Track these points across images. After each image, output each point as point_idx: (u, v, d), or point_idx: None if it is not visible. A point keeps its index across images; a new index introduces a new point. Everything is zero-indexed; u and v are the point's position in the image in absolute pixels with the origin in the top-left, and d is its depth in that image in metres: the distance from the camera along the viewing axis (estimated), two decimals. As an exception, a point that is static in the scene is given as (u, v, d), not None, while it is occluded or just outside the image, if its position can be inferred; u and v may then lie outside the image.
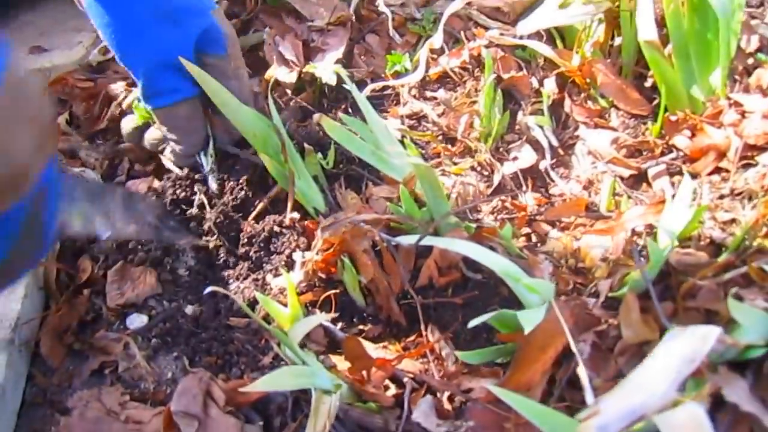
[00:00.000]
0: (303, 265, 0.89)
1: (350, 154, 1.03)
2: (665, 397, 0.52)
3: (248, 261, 0.96)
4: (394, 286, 0.88)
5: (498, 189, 1.04)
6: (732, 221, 0.91)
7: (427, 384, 0.80)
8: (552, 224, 0.99)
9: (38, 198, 0.51)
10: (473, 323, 0.71)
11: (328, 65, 1.14)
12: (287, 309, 0.84)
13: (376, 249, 0.89)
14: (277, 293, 0.91)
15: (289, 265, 0.93)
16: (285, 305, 0.84)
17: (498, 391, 0.66)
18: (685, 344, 0.56)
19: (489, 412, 0.73)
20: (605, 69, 1.12)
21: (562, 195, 1.03)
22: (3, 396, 0.80)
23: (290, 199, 0.94)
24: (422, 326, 0.86)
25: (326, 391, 0.72)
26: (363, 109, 0.93)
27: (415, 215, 0.90)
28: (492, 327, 0.84)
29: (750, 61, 1.08)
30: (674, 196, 0.88)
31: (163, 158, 1.05)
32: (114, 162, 1.14)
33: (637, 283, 0.81)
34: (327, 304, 0.89)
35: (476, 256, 0.78)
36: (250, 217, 0.98)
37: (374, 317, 0.90)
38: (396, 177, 0.97)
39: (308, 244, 0.93)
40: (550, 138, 1.09)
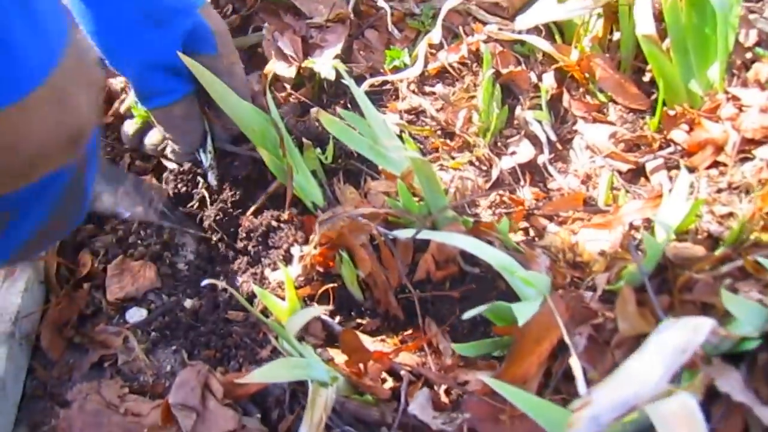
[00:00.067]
0: (301, 259, 0.90)
1: (349, 149, 1.03)
2: (657, 388, 0.53)
3: (247, 255, 0.97)
4: (392, 280, 0.88)
5: (496, 183, 1.04)
6: (729, 215, 0.91)
7: (424, 377, 0.80)
8: (550, 218, 0.99)
9: (82, 162, 0.53)
10: (468, 315, 0.71)
11: (327, 60, 1.14)
12: (285, 303, 0.84)
13: (374, 243, 0.89)
14: (276, 287, 0.92)
15: (287, 260, 0.93)
16: (283, 299, 0.85)
17: (493, 383, 0.66)
18: (678, 335, 0.56)
19: (485, 405, 0.73)
20: (604, 64, 1.12)
21: (560, 189, 1.04)
22: (3, 389, 0.81)
23: (288, 194, 0.94)
24: (420, 320, 0.86)
25: (323, 384, 0.73)
26: (361, 104, 0.93)
27: (413, 209, 0.90)
28: (489, 320, 0.84)
29: (748, 56, 1.08)
30: (671, 191, 0.89)
31: (163, 159, 1.06)
32: (115, 159, 1.15)
33: (634, 277, 0.81)
34: (325, 298, 0.90)
35: (473, 250, 0.78)
36: (249, 212, 0.98)
37: (372, 311, 0.90)
38: (394, 171, 0.97)
39: (306, 239, 0.93)
40: (549, 133, 1.09)
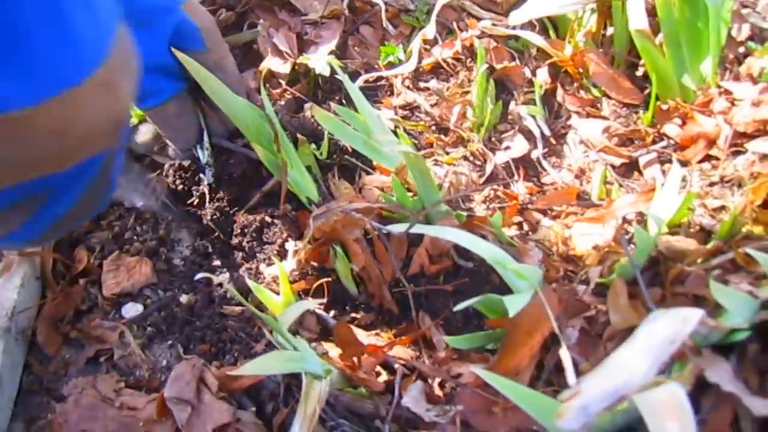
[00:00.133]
0: (295, 254, 0.90)
1: (344, 145, 1.04)
2: (646, 378, 0.53)
3: (242, 251, 0.97)
4: (386, 274, 0.89)
5: (490, 178, 1.04)
6: (722, 208, 0.92)
7: (418, 370, 0.81)
8: (543, 213, 1.00)
9: (116, 148, 0.53)
10: (459, 307, 0.71)
11: (322, 57, 1.15)
12: (280, 297, 0.84)
13: (368, 238, 0.89)
14: (270, 282, 0.92)
15: (282, 255, 0.93)
16: (278, 294, 0.85)
17: (486, 375, 0.67)
18: (667, 326, 0.56)
19: (478, 397, 0.74)
20: (597, 59, 1.12)
21: (554, 184, 1.04)
22: (0, 383, 0.81)
23: (283, 189, 0.94)
24: (414, 313, 0.87)
25: (317, 376, 0.73)
26: (355, 99, 0.93)
27: (407, 204, 0.91)
28: (482, 314, 0.84)
29: (741, 50, 1.09)
30: (664, 184, 0.89)
31: (155, 157, 1.06)
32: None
33: (626, 270, 0.82)
34: (320, 293, 0.90)
35: (466, 244, 0.79)
36: (244, 209, 0.99)
37: (366, 305, 0.91)
38: (388, 166, 0.98)
39: (300, 234, 0.94)
40: (543, 127, 1.10)
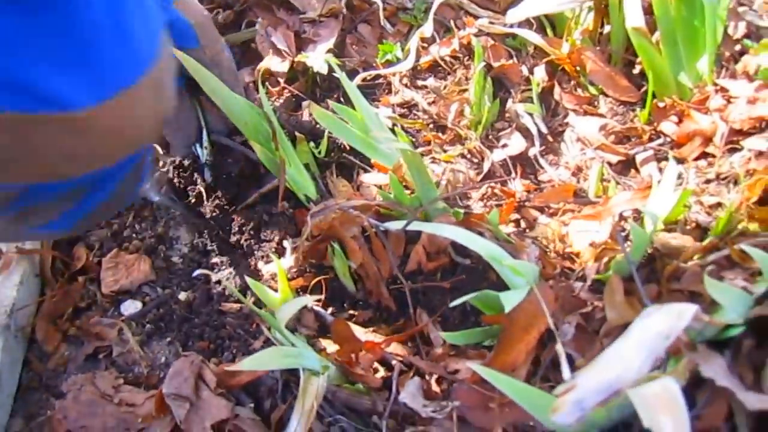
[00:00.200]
0: (293, 251, 0.90)
1: (342, 143, 1.04)
2: (640, 372, 0.54)
3: (240, 249, 0.97)
4: (384, 272, 0.89)
5: (487, 176, 1.04)
6: (718, 205, 0.92)
7: (415, 366, 0.81)
8: (541, 210, 1.00)
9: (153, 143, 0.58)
10: (455, 303, 0.72)
11: (320, 55, 1.15)
12: (277, 294, 0.85)
13: (366, 235, 0.90)
14: (269, 279, 0.92)
15: (280, 252, 0.94)
16: (276, 291, 0.86)
17: (482, 371, 0.67)
18: (661, 321, 0.57)
19: (475, 393, 0.74)
20: (594, 57, 1.12)
21: (551, 181, 1.04)
22: (-1, 380, 0.82)
23: (281, 187, 0.95)
24: (411, 310, 0.87)
25: (314, 372, 0.73)
26: (353, 97, 0.94)
27: (404, 201, 0.91)
28: (479, 310, 0.85)
29: (737, 48, 1.09)
30: (661, 182, 0.89)
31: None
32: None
33: (622, 266, 0.82)
34: (318, 290, 0.90)
35: (464, 241, 0.79)
36: (242, 206, 0.99)
37: (364, 302, 0.91)
38: (386, 164, 0.98)
39: (298, 232, 0.94)
40: (540, 125, 1.10)
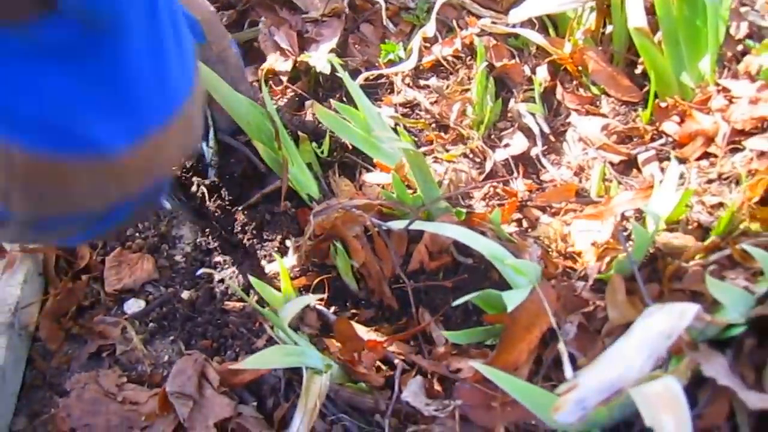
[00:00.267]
0: (296, 250, 0.91)
1: (345, 142, 1.04)
2: (641, 371, 0.54)
3: (243, 248, 0.98)
4: (386, 271, 0.89)
5: (490, 175, 1.05)
6: (719, 205, 0.92)
7: (418, 365, 0.82)
8: (543, 210, 1.00)
9: None
10: (458, 302, 0.72)
11: (323, 54, 1.15)
12: (280, 293, 0.85)
13: (368, 234, 0.90)
14: (271, 278, 0.93)
15: (283, 251, 0.94)
16: (279, 290, 0.86)
17: (485, 370, 0.67)
18: (663, 320, 0.57)
19: (477, 391, 0.74)
20: (596, 57, 1.13)
21: (553, 181, 1.04)
22: (3, 378, 0.82)
23: (283, 186, 0.95)
24: (413, 309, 0.87)
25: (317, 371, 0.74)
26: (355, 97, 0.94)
27: (407, 201, 0.91)
28: (481, 310, 0.85)
29: (739, 48, 1.09)
30: (662, 181, 0.90)
31: None
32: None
33: (624, 266, 0.82)
34: (320, 289, 0.91)
35: (466, 240, 0.79)
36: (244, 206, 0.99)
37: (367, 301, 0.91)
38: (389, 164, 0.98)
39: (301, 231, 0.95)
40: (542, 125, 1.10)
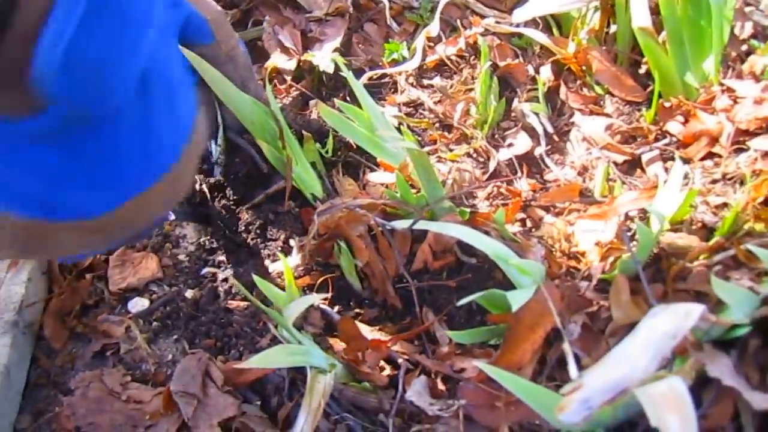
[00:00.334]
0: (300, 250, 0.91)
1: (349, 142, 1.04)
2: (646, 371, 0.54)
3: (246, 247, 0.98)
4: (390, 270, 0.89)
5: (493, 175, 1.05)
6: (724, 205, 0.92)
7: (421, 365, 0.82)
8: (546, 209, 1.00)
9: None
10: (462, 302, 0.72)
11: (326, 54, 1.15)
12: (284, 292, 0.85)
13: (372, 234, 0.90)
14: (275, 277, 0.93)
15: (286, 251, 0.94)
16: (282, 289, 0.86)
17: (489, 370, 0.67)
18: (668, 320, 0.57)
19: (481, 391, 0.74)
20: (600, 56, 1.12)
21: (557, 181, 1.04)
22: (7, 377, 0.82)
23: (287, 185, 0.95)
24: (417, 309, 0.87)
25: (321, 370, 0.74)
26: (359, 96, 0.94)
27: (410, 200, 0.91)
28: (485, 309, 0.85)
29: (743, 48, 1.09)
30: (666, 181, 0.90)
31: None
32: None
33: (628, 266, 0.82)
34: (324, 288, 0.91)
35: (470, 240, 0.79)
36: (248, 205, 0.99)
37: (370, 300, 0.92)
38: (392, 163, 0.98)
39: (305, 231, 0.95)
40: (546, 125, 1.10)
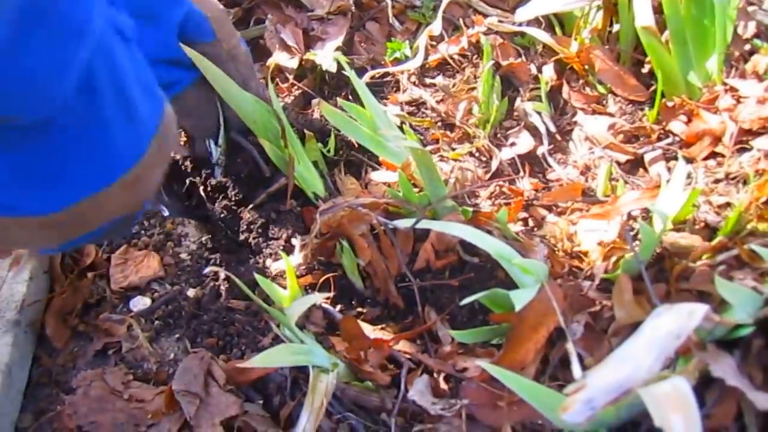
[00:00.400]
0: (302, 249, 0.91)
1: (351, 141, 1.04)
2: (650, 371, 0.54)
3: (248, 247, 0.98)
4: (392, 269, 0.89)
5: (496, 174, 1.05)
6: (727, 205, 0.92)
7: (424, 364, 0.81)
8: (549, 209, 1.00)
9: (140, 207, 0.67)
10: (465, 301, 0.72)
11: (328, 53, 1.15)
12: (286, 291, 0.85)
13: (374, 233, 0.90)
14: (277, 276, 0.93)
15: (288, 250, 0.94)
16: (285, 288, 0.86)
17: (491, 369, 0.67)
18: (672, 320, 0.57)
19: (483, 391, 0.74)
20: (603, 55, 1.12)
21: (559, 180, 1.04)
22: (9, 375, 0.82)
23: (290, 184, 0.95)
24: (419, 308, 0.87)
25: (323, 370, 0.74)
26: (361, 95, 0.94)
27: (413, 199, 0.91)
28: (488, 309, 0.85)
29: (746, 47, 1.09)
30: (669, 181, 0.89)
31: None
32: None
33: (631, 266, 0.82)
34: (326, 287, 0.91)
35: (472, 239, 0.79)
36: (251, 205, 0.99)
37: (372, 300, 0.91)
38: (395, 162, 0.98)
39: (306, 230, 0.94)
40: (548, 124, 1.10)
